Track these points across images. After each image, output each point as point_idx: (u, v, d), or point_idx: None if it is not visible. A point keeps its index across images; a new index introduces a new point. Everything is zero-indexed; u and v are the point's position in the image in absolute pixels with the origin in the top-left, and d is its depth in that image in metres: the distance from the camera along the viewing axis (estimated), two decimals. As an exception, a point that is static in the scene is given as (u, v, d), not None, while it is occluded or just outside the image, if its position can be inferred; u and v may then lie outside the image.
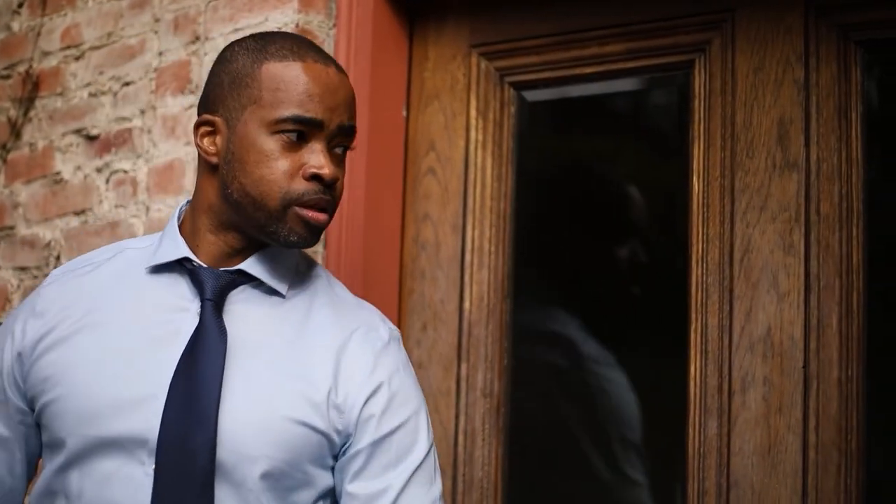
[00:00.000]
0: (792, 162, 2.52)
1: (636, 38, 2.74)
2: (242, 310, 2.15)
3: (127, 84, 3.21)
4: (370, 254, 2.92)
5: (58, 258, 3.27)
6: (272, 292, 2.18)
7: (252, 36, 2.21)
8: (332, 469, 2.15)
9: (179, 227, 2.21)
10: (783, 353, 2.49)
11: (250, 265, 2.16)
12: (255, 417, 2.06)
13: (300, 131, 2.09)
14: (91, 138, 3.27)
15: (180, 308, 2.14)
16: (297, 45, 2.15)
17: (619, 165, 2.95)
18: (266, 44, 2.15)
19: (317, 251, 2.87)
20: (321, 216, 2.12)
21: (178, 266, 2.17)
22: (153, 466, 2.03)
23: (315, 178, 2.09)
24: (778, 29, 2.56)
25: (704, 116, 2.63)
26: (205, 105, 2.19)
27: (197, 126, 2.17)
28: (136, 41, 3.21)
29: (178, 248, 2.17)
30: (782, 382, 2.48)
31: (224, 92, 2.14)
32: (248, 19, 2.98)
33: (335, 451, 2.13)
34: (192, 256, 2.16)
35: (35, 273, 3.32)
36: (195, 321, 2.12)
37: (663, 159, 2.85)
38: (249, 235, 2.15)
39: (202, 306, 2.13)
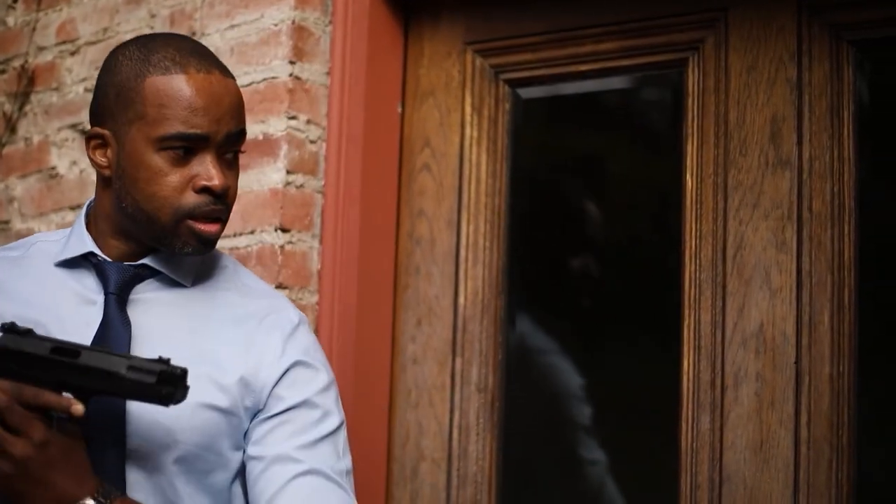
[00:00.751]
0: (784, 160, 2.54)
1: (630, 37, 2.76)
2: (147, 302, 2.18)
3: (123, 79, 3.22)
4: (365, 250, 2.93)
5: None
6: (176, 284, 2.20)
7: (136, 42, 2.19)
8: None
9: (87, 224, 2.22)
10: (775, 348, 2.51)
11: (153, 260, 2.18)
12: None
13: (187, 146, 2.08)
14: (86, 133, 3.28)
15: (88, 301, 2.17)
16: (179, 53, 2.12)
17: (612, 162, 2.97)
18: (149, 53, 2.12)
19: (312, 247, 2.88)
20: (213, 227, 2.13)
21: (85, 261, 2.19)
22: None
23: (205, 190, 2.09)
24: (771, 28, 2.58)
25: (698, 114, 2.65)
26: (95, 116, 2.18)
27: (88, 139, 2.17)
28: (131, 37, 3.20)
29: (84, 244, 2.19)
30: (774, 378, 2.50)
31: (111, 105, 2.13)
32: (244, 15, 2.99)
33: (246, 430, 2.16)
34: (98, 251, 2.18)
35: (30, 267, 3.33)
36: (101, 314, 2.14)
37: (657, 156, 2.87)
38: (145, 242, 2.17)
39: (106, 299, 2.15)
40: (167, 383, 1.94)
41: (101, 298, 2.16)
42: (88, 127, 3.20)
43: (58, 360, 1.98)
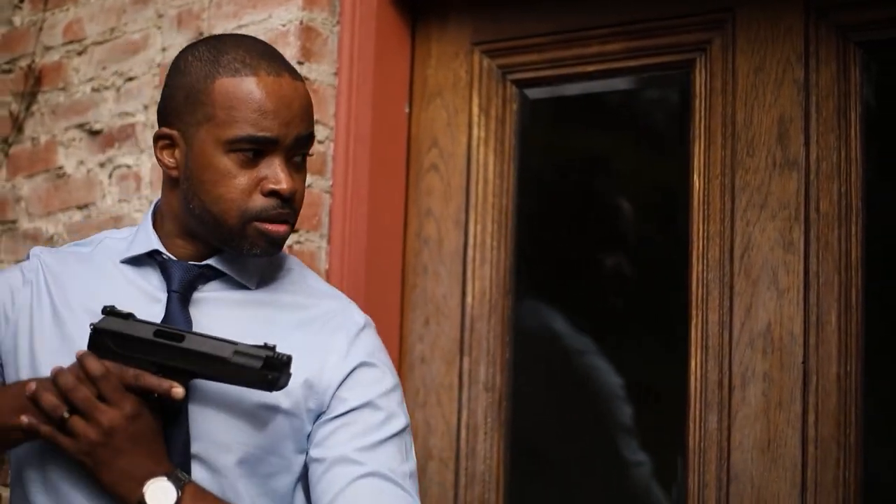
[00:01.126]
0: (792, 160, 2.55)
1: (637, 37, 2.77)
2: (210, 302, 2.17)
3: (130, 79, 3.23)
4: (373, 249, 2.94)
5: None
6: (240, 286, 2.19)
7: (205, 42, 2.18)
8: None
9: (154, 223, 2.22)
10: (783, 348, 2.52)
11: (218, 261, 2.17)
12: (226, 405, 2.08)
13: (256, 149, 2.07)
14: (94, 133, 3.28)
15: (153, 298, 2.16)
16: (249, 55, 2.11)
17: (619, 163, 2.98)
18: (218, 54, 2.11)
19: (320, 247, 2.89)
20: (281, 229, 2.11)
21: (150, 259, 2.19)
22: None
23: (273, 193, 2.08)
24: (778, 29, 2.59)
25: (705, 115, 2.66)
26: (163, 117, 2.17)
27: (156, 139, 2.15)
28: (139, 37, 3.23)
29: (149, 242, 2.18)
30: (782, 378, 2.52)
31: (180, 106, 2.12)
32: (251, 15, 3.00)
33: (309, 433, 2.14)
34: (163, 249, 2.17)
35: (37, 266, 3.33)
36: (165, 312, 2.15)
37: (664, 157, 2.88)
38: (212, 243, 2.16)
39: (168, 297, 2.14)
40: (272, 369, 1.97)
41: (164, 296, 2.15)
42: (93, 126, 3.24)
43: (161, 343, 2.01)
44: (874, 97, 2.55)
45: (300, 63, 2.89)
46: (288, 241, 2.78)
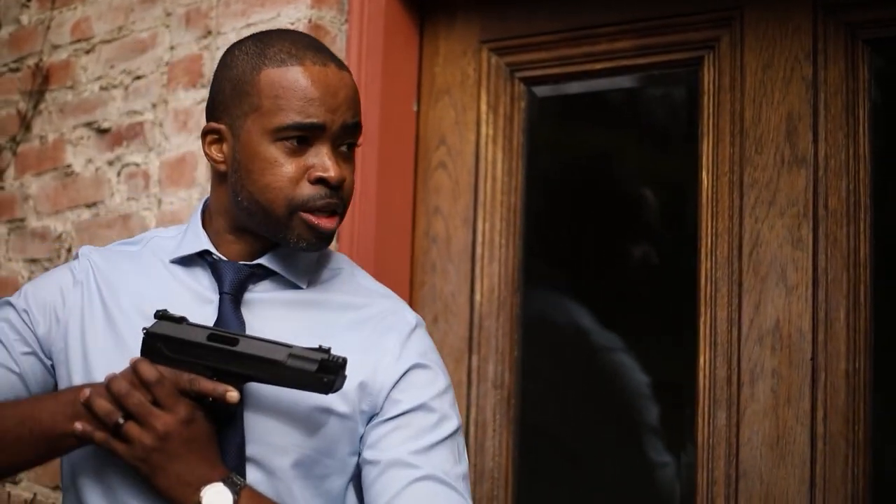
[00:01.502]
0: (800, 157, 2.56)
1: (646, 35, 2.77)
2: (262, 303, 2.16)
3: (138, 78, 3.24)
4: (381, 247, 2.95)
5: (69, 250, 3.29)
6: (292, 285, 2.18)
7: (252, 38, 2.19)
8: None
9: (203, 222, 2.22)
10: (791, 345, 2.53)
11: (269, 259, 2.16)
12: (280, 407, 2.08)
13: (302, 136, 2.07)
14: (102, 131, 3.29)
15: (205, 300, 2.16)
16: (294, 46, 2.12)
17: (627, 160, 2.98)
18: (264, 47, 2.13)
19: (331, 244, 2.90)
20: (328, 223, 2.10)
21: (200, 259, 2.18)
22: None
23: (321, 181, 2.07)
24: (786, 27, 2.60)
25: (714, 112, 2.67)
26: (211, 112, 2.18)
27: (204, 134, 2.16)
28: (147, 35, 3.24)
29: (199, 242, 2.18)
30: (791, 374, 2.52)
31: (227, 100, 2.13)
32: (260, 14, 3.01)
33: (362, 434, 2.14)
34: (213, 249, 2.17)
35: (46, 265, 3.34)
36: (217, 313, 2.13)
37: (672, 154, 2.88)
38: (264, 238, 2.17)
39: (220, 299, 2.14)
40: (328, 371, 1.96)
41: (216, 297, 2.14)
42: (102, 125, 3.25)
43: (215, 347, 2.01)
44: (882, 95, 2.55)
45: (309, 61, 2.89)
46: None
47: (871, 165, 2.52)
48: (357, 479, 2.16)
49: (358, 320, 2.17)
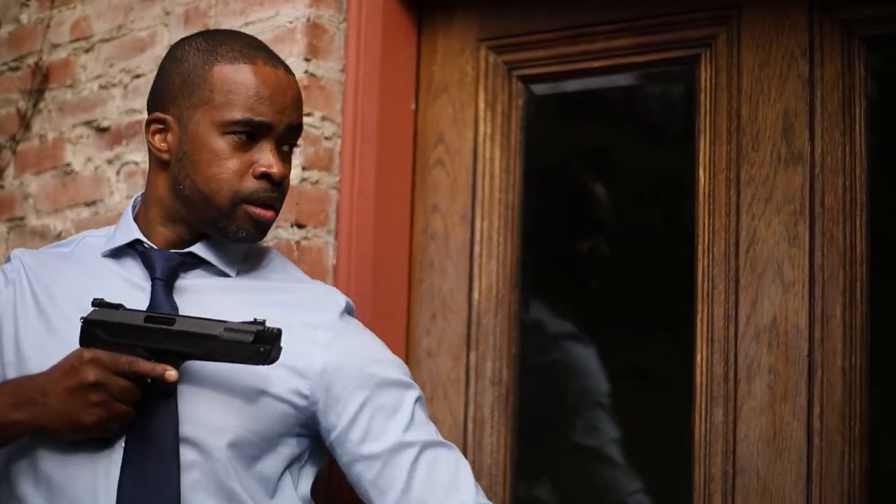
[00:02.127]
0: (797, 155, 2.57)
1: (643, 33, 2.77)
2: (193, 290, 2.26)
3: (137, 76, 3.24)
4: (379, 245, 2.95)
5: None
6: (222, 273, 2.28)
7: (202, 34, 2.32)
8: (300, 437, 2.24)
9: (135, 217, 2.31)
10: (788, 342, 2.53)
11: (200, 248, 2.26)
12: (216, 388, 2.15)
13: (249, 132, 2.19)
14: (102, 130, 3.30)
15: (137, 287, 2.25)
16: (246, 46, 2.24)
17: (626, 157, 3.00)
18: (216, 44, 2.24)
19: (328, 243, 2.91)
20: (268, 213, 2.23)
21: (132, 250, 2.27)
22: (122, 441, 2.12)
23: (264, 176, 2.20)
24: (783, 25, 2.60)
25: (711, 109, 2.67)
26: (156, 102, 2.28)
27: (148, 123, 2.27)
28: (146, 34, 3.24)
29: (130, 233, 2.27)
30: (787, 371, 2.53)
31: (175, 91, 2.24)
32: (258, 13, 3.01)
33: (302, 417, 2.21)
34: (144, 239, 2.26)
35: (45, 263, 3.34)
36: (149, 300, 2.21)
37: (669, 152, 2.90)
38: (196, 228, 2.25)
39: (153, 285, 2.23)
40: (264, 342, 2.03)
41: (148, 285, 2.23)
42: (101, 123, 3.25)
43: (153, 328, 2.08)
44: (878, 92, 2.56)
45: (307, 60, 2.90)
46: (295, 237, 2.82)
47: (868, 163, 2.52)
48: (293, 464, 2.25)
49: (288, 302, 2.27)
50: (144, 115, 3.13)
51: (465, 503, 2.22)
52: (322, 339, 2.23)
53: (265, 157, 2.20)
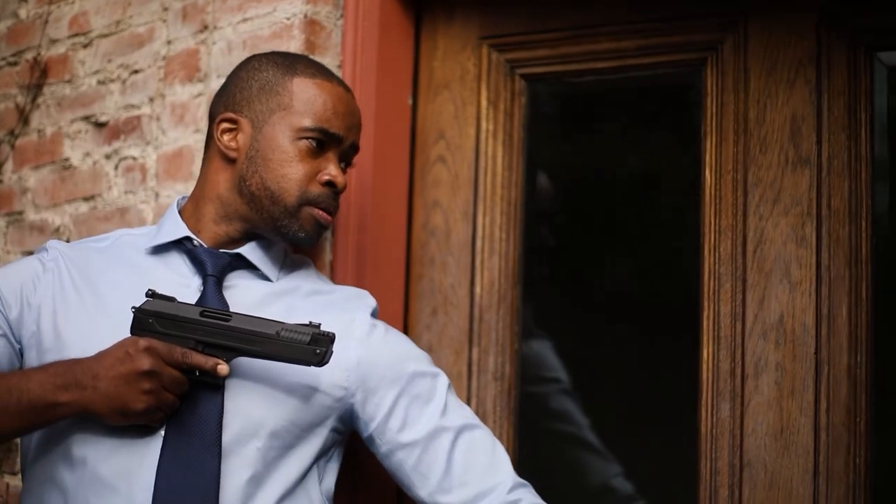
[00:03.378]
0: (804, 158, 2.62)
1: (649, 35, 2.81)
2: (239, 289, 2.35)
3: (135, 72, 3.25)
4: (376, 240, 2.97)
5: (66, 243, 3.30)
6: (263, 277, 2.39)
7: (278, 53, 2.49)
8: (333, 431, 2.33)
9: (180, 213, 2.40)
10: (795, 339, 2.59)
11: (248, 251, 2.38)
12: (262, 384, 2.24)
13: (321, 141, 2.35)
14: (100, 125, 3.30)
15: (181, 284, 2.32)
16: (321, 68, 2.43)
17: (629, 157, 3.03)
18: (295, 61, 2.42)
19: (325, 238, 2.93)
20: (329, 217, 2.38)
21: (178, 246, 2.36)
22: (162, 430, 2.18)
23: (329, 184, 2.36)
24: (790, 32, 2.65)
25: (717, 112, 2.70)
26: (228, 104, 2.40)
27: (219, 122, 2.38)
28: (144, 29, 3.25)
29: (179, 229, 2.37)
30: (794, 368, 2.59)
31: (252, 96, 2.38)
32: (256, 9, 3.02)
33: (341, 409, 2.32)
34: (194, 236, 2.35)
35: (41, 256, 3.35)
36: (196, 297, 2.28)
37: (674, 152, 2.93)
38: (251, 228, 2.34)
39: (205, 281, 2.31)
40: (319, 344, 2.13)
41: (194, 282, 2.31)
42: (99, 118, 3.25)
43: (209, 323, 2.15)
44: (884, 99, 2.61)
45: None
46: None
47: (873, 167, 2.58)
48: (324, 454, 2.34)
49: (324, 304, 2.39)
50: (142, 110, 3.18)
51: (505, 482, 2.35)
52: (357, 335, 2.35)
53: (331, 167, 2.37)
